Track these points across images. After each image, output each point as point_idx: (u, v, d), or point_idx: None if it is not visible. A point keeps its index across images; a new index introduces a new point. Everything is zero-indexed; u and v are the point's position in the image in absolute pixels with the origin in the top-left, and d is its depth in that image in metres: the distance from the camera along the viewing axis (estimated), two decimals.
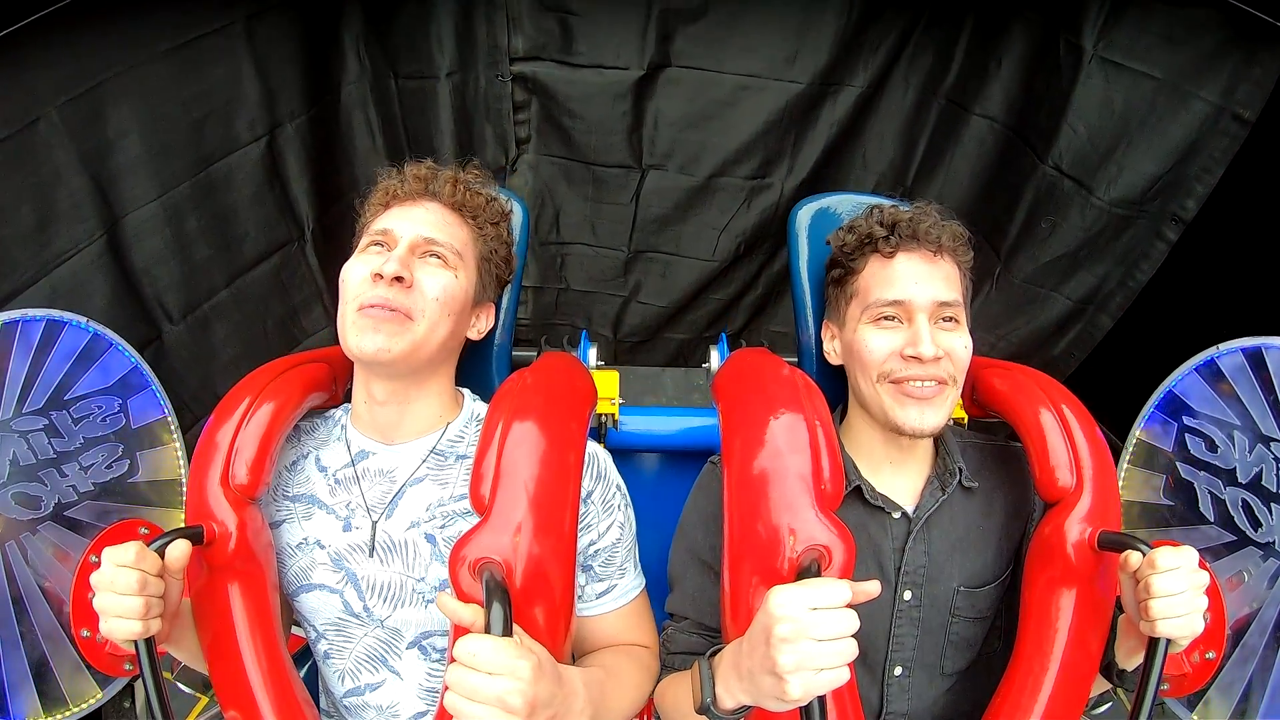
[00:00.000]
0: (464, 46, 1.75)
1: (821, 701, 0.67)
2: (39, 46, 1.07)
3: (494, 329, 1.05)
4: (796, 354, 1.17)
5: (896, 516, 0.96)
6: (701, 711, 0.76)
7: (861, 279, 0.96)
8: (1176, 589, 0.74)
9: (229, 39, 1.33)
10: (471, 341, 0.99)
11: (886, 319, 0.93)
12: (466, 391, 1.00)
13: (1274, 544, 0.94)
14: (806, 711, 0.67)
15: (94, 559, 0.96)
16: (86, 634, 0.93)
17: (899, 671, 0.95)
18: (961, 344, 0.92)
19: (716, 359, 1.58)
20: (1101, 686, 0.90)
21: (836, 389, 1.03)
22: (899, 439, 0.95)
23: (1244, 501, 0.96)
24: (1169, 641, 0.76)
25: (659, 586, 0.99)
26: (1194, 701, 0.96)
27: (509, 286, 1.09)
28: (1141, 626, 0.77)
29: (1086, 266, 1.49)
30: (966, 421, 1.22)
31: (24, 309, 0.96)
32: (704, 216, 1.94)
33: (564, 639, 0.81)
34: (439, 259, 0.91)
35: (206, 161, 1.36)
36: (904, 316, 0.92)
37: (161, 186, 1.29)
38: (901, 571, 0.94)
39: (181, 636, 0.85)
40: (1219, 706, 0.95)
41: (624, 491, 0.94)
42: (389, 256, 0.87)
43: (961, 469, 0.97)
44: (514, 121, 1.85)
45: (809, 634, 0.65)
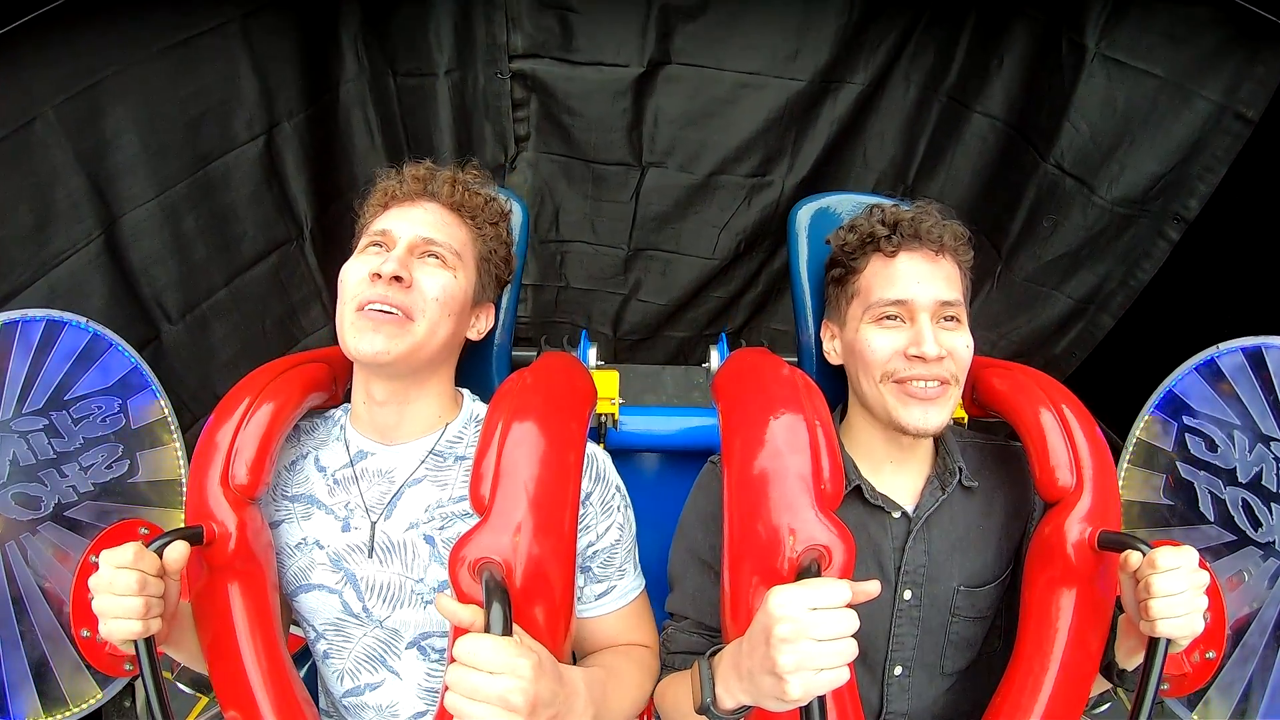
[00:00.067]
0: (463, 44, 1.74)
1: (821, 701, 0.67)
2: (35, 46, 1.06)
3: (494, 329, 1.05)
4: (796, 353, 1.17)
5: (896, 516, 0.96)
6: (701, 711, 0.76)
7: (863, 278, 0.96)
8: (1177, 589, 0.74)
9: (226, 38, 1.32)
10: (471, 341, 0.99)
11: (889, 318, 0.93)
12: (466, 392, 1.00)
13: (1274, 544, 0.94)
14: (806, 711, 0.68)
15: (94, 559, 0.95)
16: (86, 634, 0.93)
17: (899, 671, 0.95)
18: (963, 343, 0.92)
19: (716, 359, 1.58)
20: (1101, 686, 0.90)
21: (836, 389, 1.03)
22: (899, 438, 0.95)
23: (1244, 501, 0.96)
24: (1169, 641, 0.76)
25: (659, 586, 0.99)
26: (1194, 701, 0.96)
27: (509, 286, 1.08)
28: (1141, 626, 0.77)
29: (1088, 265, 1.49)
30: (966, 421, 1.22)
31: (24, 309, 0.95)
32: (704, 214, 1.94)
33: (564, 639, 0.81)
34: (438, 259, 0.90)
35: (204, 160, 1.35)
36: (906, 316, 0.92)
37: (159, 186, 1.29)
38: (901, 571, 0.94)
39: (180, 638, 0.85)
40: (1219, 706, 0.95)
41: (623, 493, 0.94)
42: (388, 257, 0.87)
43: (961, 468, 0.97)
44: (513, 119, 1.85)
45: (809, 634, 0.65)
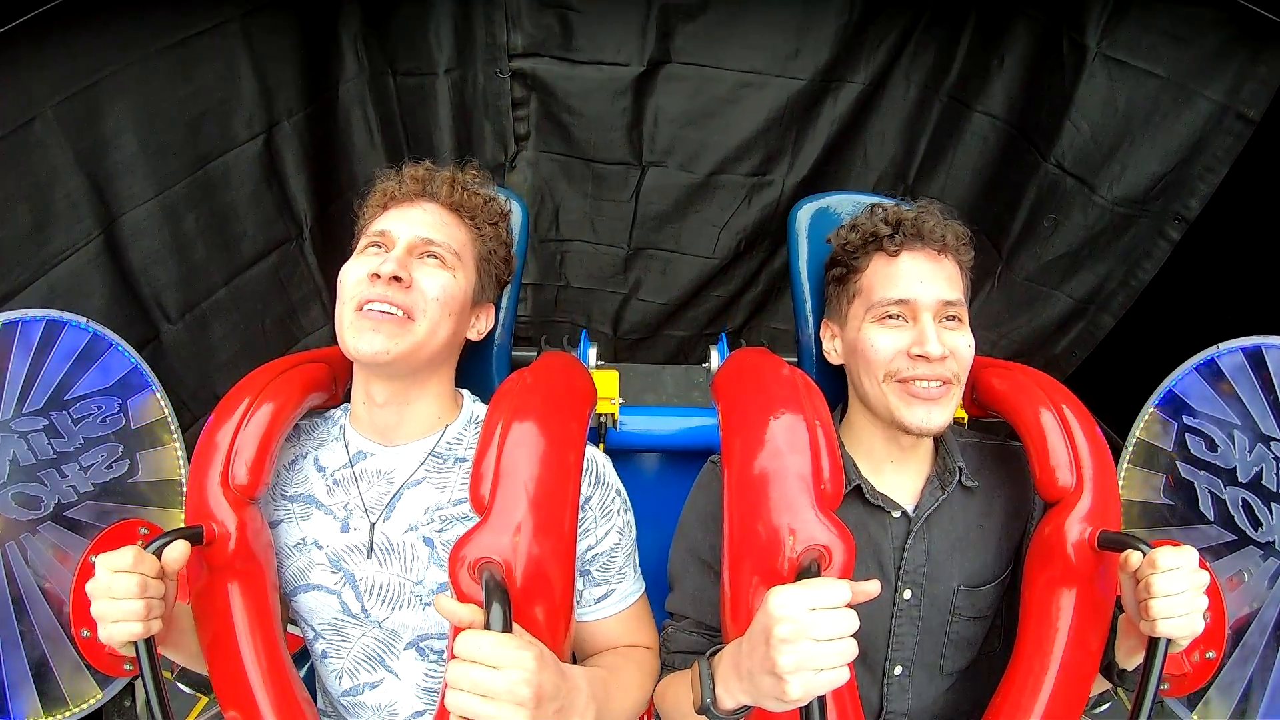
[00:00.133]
0: (463, 43, 1.74)
1: (821, 701, 0.67)
2: (34, 46, 1.06)
3: (494, 329, 1.05)
4: (796, 353, 1.17)
5: (896, 516, 0.96)
6: (701, 711, 0.76)
7: (865, 278, 0.96)
8: (1177, 589, 0.74)
9: (225, 37, 1.32)
10: (471, 341, 0.98)
11: (891, 318, 0.93)
12: (466, 393, 1.00)
13: (1274, 544, 0.94)
14: (806, 711, 0.68)
15: (94, 559, 0.95)
16: (86, 634, 0.93)
17: (899, 671, 0.95)
18: (965, 343, 0.92)
19: (716, 359, 1.58)
20: (1101, 686, 0.90)
21: (836, 389, 1.03)
22: (899, 438, 0.95)
23: (1244, 501, 0.96)
24: (1169, 641, 0.76)
25: (659, 586, 0.99)
26: (1194, 701, 0.96)
27: (509, 286, 1.08)
28: (1142, 626, 0.77)
29: (1088, 265, 1.49)
30: (966, 421, 1.22)
31: (23, 309, 0.95)
32: (704, 213, 1.94)
33: (564, 639, 0.81)
34: (437, 259, 0.90)
35: (204, 160, 1.35)
36: (909, 315, 0.92)
37: (159, 185, 1.29)
38: (901, 571, 0.94)
39: (178, 639, 0.85)
40: (1219, 706, 0.95)
41: (624, 496, 0.94)
42: (387, 257, 0.87)
43: (961, 468, 0.97)
44: (513, 118, 1.84)
45: (809, 634, 0.65)
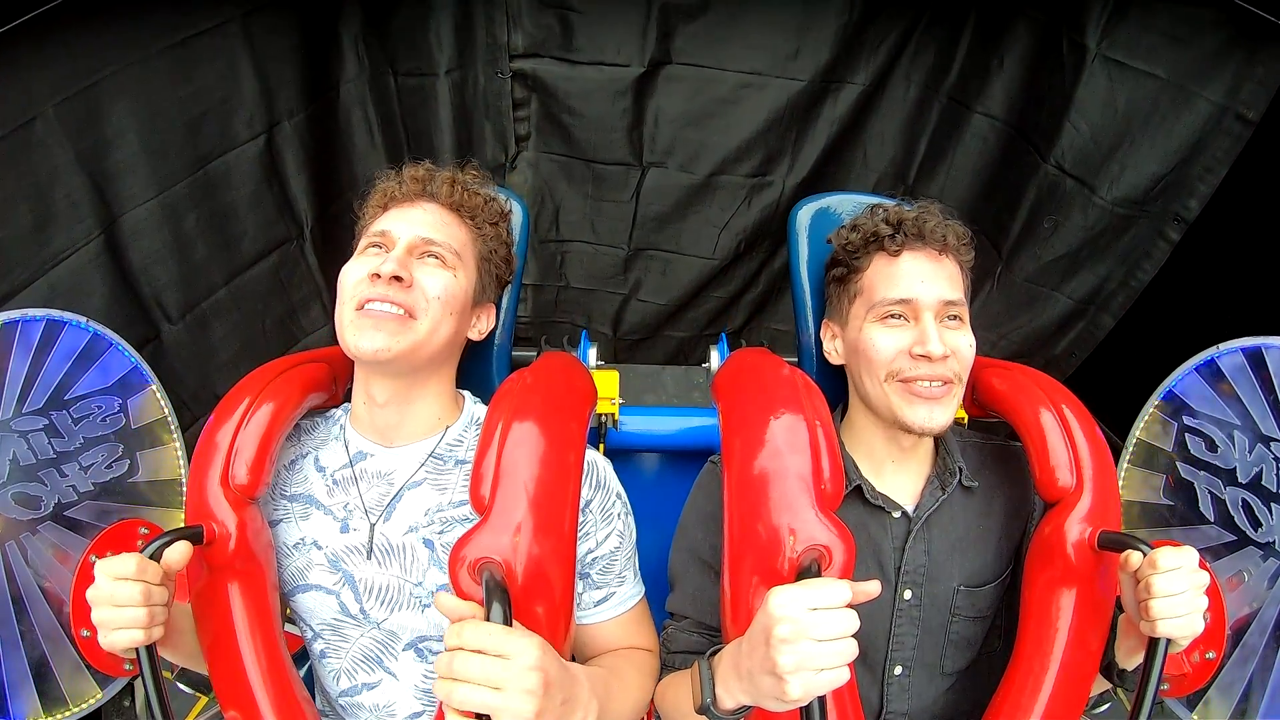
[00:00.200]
0: (463, 43, 1.74)
1: (821, 701, 0.67)
2: (35, 45, 1.06)
3: (494, 329, 1.05)
4: (796, 353, 1.17)
5: (896, 516, 0.96)
6: (701, 712, 0.76)
7: (866, 277, 0.96)
8: (1177, 589, 0.74)
9: (226, 37, 1.32)
10: (471, 342, 0.98)
11: (893, 317, 0.93)
12: (467, 394, 0.99)
13: (1274, 544, 0.94)
14: (806, 712, 0.67)
15: (94, 559, 0.95)
16: (86, 634, 0.93)
17: (899, 671, 0.95)
18: (966, 342, 0.92)
19: (716, 359, 1.58)
20: (1101, 686, 0.90)
21: (836, 389, 1.03)
22: (900, 438, 0.95)
23: (1244, 501, 0.96)
24: (1169, 641, 0.76)
25: (659, 586, 0.99)
26: (1194, 701, 0.96)
27: (509, 287, 1.08)
28: (1142, 626, 0.77)
29: (1088, 266, 1.49)
30: (966, 421, 1.22)
31: (24, 309, 0.95)
32: (704, 214, 1.94)
33: (564, 639, 0.81)
34: (437, 259, 0.90)
35: (204, 160, 1.35)
36: (910, 315, 0.92)
37: (159, 185, 1.29)
38: (901, 571, 0.94)
39: (177, 640, 0.84)
40: (1219, 706, 0.95)
41: (624, 500, 0.93)
42: (387, 257, 0.87)
43: (961, 468, 0.97)
44: (514, 119, 1.85)
45: (809, 634, 0.65)
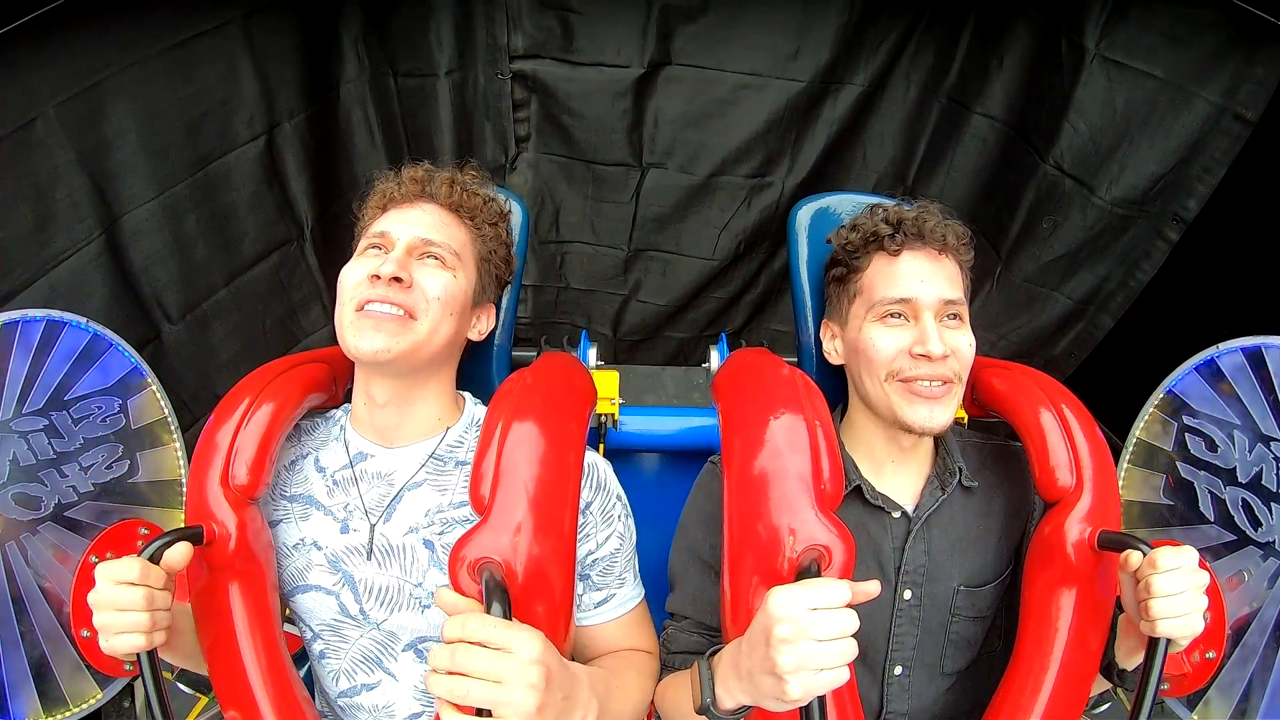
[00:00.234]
0: (464, 44, 1.74)
1: (821, 701, 0.67)
2: (35, 46, 1.06)
3: (494, 329, 1.05)
4: (796, 354, 1.17)
5: (896, 516, 0.96)
6: (701, 712, 0.76)
7: (865, 277, 0.96)
8: (1177, 589, 0.74)
9: (226, 38, 1.33)
10: (471, 342, 0.98)
11: (893, 316, 0.93)
12: (468, 395, 0.99)
13: (1274, 544, 0.94)
14: (806, 712, 0.67)
15: (94, 559, 0.95)
16: (86, 634, 0.93)
17: (899, 671, 0.95)
18: (966, 342, 0.92)
19: (716, 359, 1.58)
20: (1101, 686, 0.90)
21: (836, 389, 1.03)
22: (900, 438, 0.95)
23: (1244, 501, 0.96)
24: (1169, 641, 0.76)
25: (659, 586, 0.99)
26: (1194, 701, 0.96)
27: (509, 287, 1.08)
28: (1142, 626, 0.77)
29: (1087, 266, 1.49)
30: (966, 421, 1.22)
31: (24, 309, 0.95)
32: (704, 215, 1.94)
33: (564, 639, 0.81)
34: (437, 260, 0.90)
35: (205, 160, 1.36)
36: (910, 314, 0.92)
37: (160, 186, 1.29)
38: (901, 571, 0.94)
39: (175, 641, 0.84)
40: (1219, 706, 0.95)
41: (624, 502, 0.93)
42: (386, 258, 0.87)
43: (961, 468, 0.97)
44: (514, 120, 1.85)
45: (809, 634, 0.65)
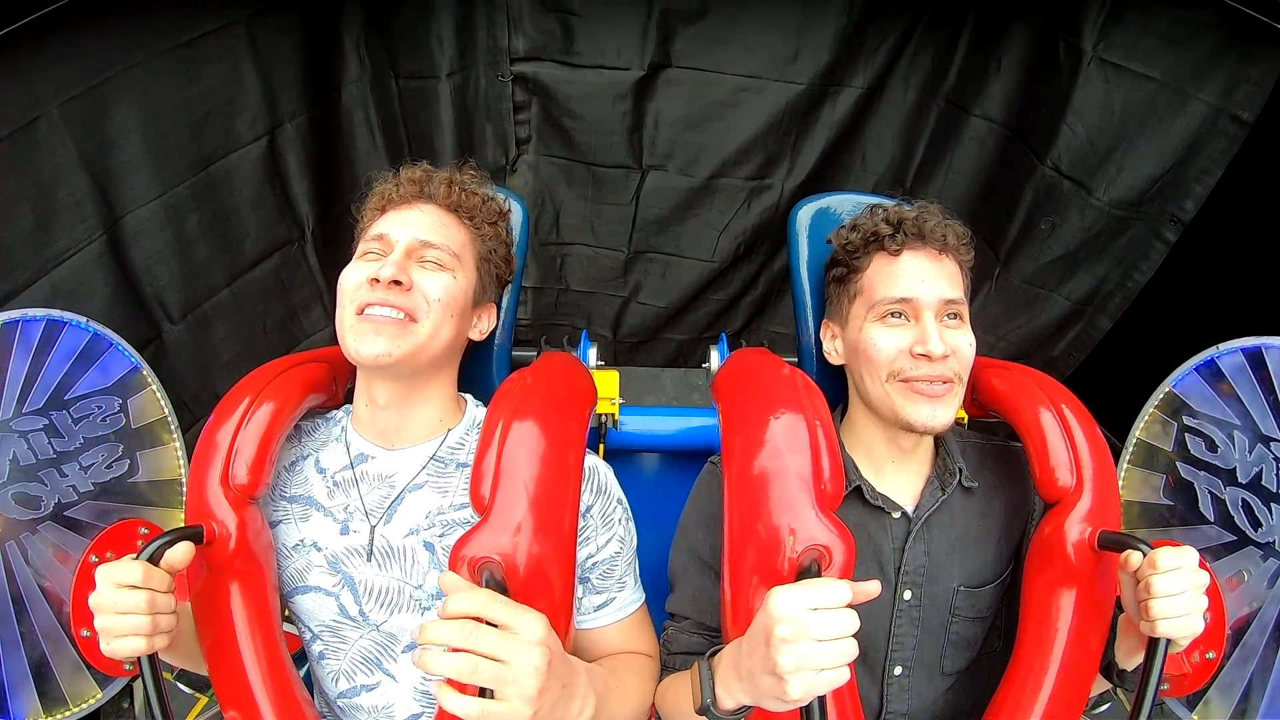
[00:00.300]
0: (465, 46, 1.75)
1: (821, 701, 0.67)
2: (39, 46, 1.07)
3: (494, 329, 1.05)
4: (796, 354, 1.17)
5: (896, 516, 0.96)
6: (701, 712, 0.76)
7: (866, 277, 0.96)
8: (1177, 589, 0.74)
9: (229, 39, 1.33)
10: (472, 342, 0.98)
11: (893, 316, 0.93)
12: (469, 397, 0.99)
13: (1274, 544, 0.94)
14: (806, 712, 0.67)
15: (94, 559, 0.95)
16: (86, 634, 0.93)
17: (899, 671, 0.95)
18: (966, 341, 0.93)
19: (716, 359, 1.59)
20: (1101, 686, 0.90)
21: (836, 389, 1.03)
22: (900, 438, 0.95)
23: (1244, 501, 0.96)
24: (1169, 641, 0.76)
25: (659, 587, 0.99)
26: (1194, 701, 0.96)
27: (509, 286, 1.09)
28: (1142, 626, 0.77)
29: (1085, 267, 1.50)
30: (966, 421, 1.22)
31: (24, 309, 0.95)
32: (704, 217, 1.95)
33: (564, 638, 0.80)
34: (436, 261, 0.90)
35: (207, 161, 1.36)
36: (911, 314, 0.92)
37: (162, 186, 1.29)
38: (901, 571, 0.94)
39: (176, 641, 0.83)
40: (1219, 706, 0.95)
41: (625, 505, 0.93)
42: (385, 261, 0.87)
43: (961, 469, 0.97)
44: (514, 121, 1.86)
45: (809, 634, 0.65)
